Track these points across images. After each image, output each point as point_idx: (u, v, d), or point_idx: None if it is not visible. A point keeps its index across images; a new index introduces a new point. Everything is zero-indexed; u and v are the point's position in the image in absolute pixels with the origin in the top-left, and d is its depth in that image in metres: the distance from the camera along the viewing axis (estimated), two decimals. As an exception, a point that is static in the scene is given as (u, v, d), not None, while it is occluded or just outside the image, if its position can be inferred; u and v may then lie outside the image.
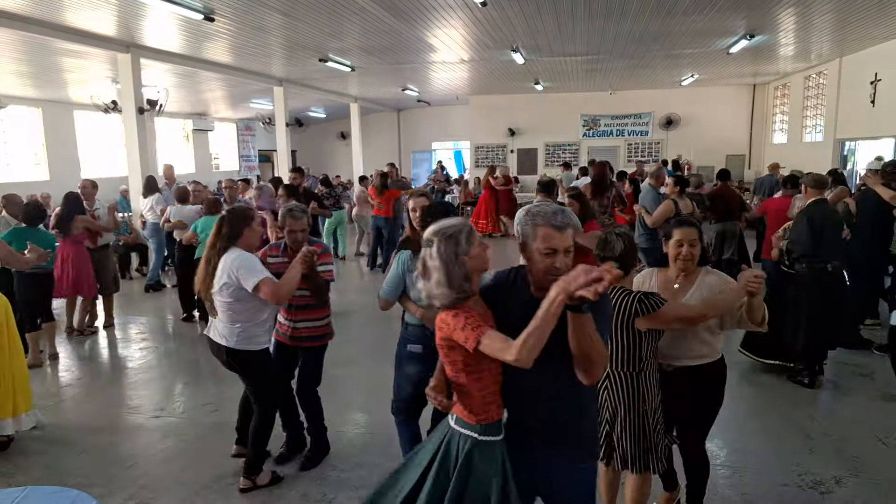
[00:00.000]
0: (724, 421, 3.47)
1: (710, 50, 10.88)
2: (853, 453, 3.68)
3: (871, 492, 3.29)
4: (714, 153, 16.50)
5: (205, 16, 7.41)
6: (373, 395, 4.50)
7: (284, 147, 14.31)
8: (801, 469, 3.50)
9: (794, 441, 3.83)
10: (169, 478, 3.55)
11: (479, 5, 7.16)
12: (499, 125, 18.13)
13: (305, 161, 19.75)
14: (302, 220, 3.46)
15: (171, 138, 16.86)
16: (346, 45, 10.04)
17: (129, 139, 9.81)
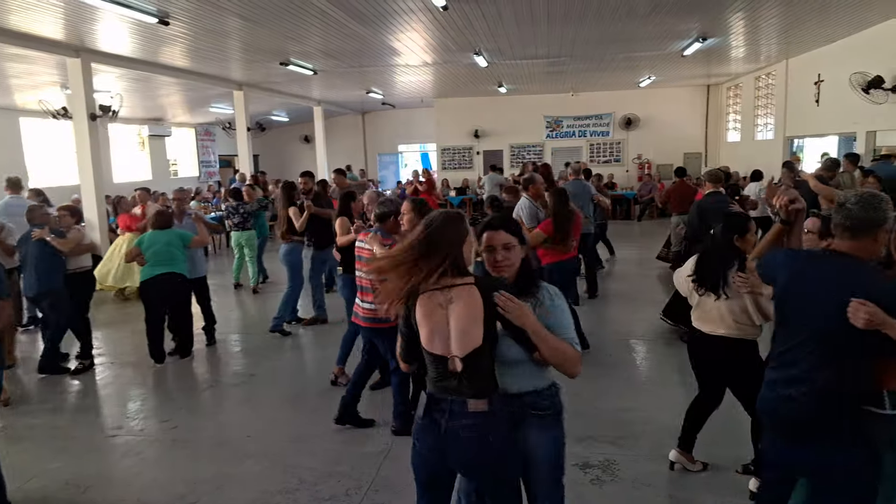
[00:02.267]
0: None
1: (665, 52, 11.14)
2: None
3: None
4: (672, 152, 16.91)
5: (159, 19, 7.21)
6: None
7: (246, 151, 14.04)
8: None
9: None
10: (129, 500, 3.43)
11: (440, 9, 7.16)
12: (464, 127, 18.20)
13: (268, 165, 19.47)
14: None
15: (126, 144, 16.36)
16: (308, 49, 9.91)
17: (80, 146, 9.46)
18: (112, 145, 15.16)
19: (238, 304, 8.33)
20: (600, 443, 3.81)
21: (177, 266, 5.56)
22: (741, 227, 3.22)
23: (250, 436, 4.16)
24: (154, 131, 16.58)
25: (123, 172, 15.82)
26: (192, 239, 5.79)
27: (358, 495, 3.34)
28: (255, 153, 17.42)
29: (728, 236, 3.21)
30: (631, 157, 17.60)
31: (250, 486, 3.51)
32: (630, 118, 17.39)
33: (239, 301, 8.45)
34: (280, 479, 3.56)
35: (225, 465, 3.77)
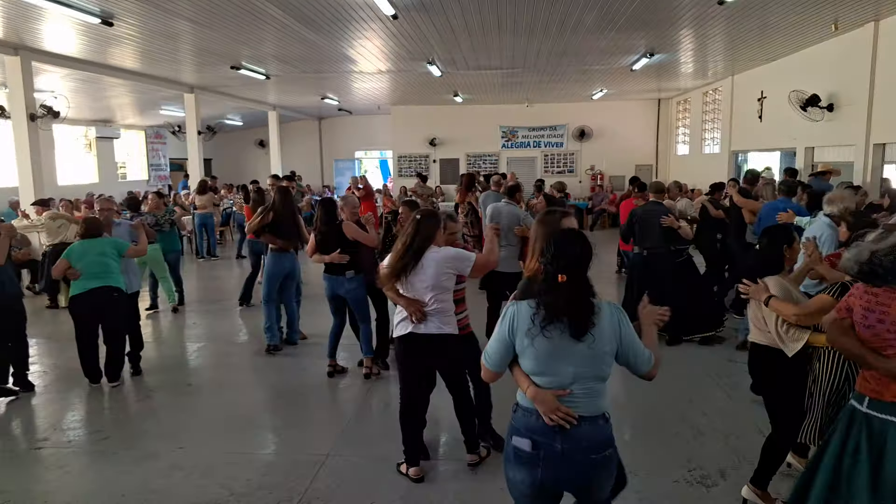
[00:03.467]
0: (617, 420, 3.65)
1: (615, 66, 11.46)
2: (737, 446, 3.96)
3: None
4: (625, 164, 17.36)
5: (102, 20, 7.05)
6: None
7: (196, 155, 13.77)
8: (692, 465, 3.72)
9: (685, 435, 4.09)
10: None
11: (389, 18, 7.21)
12: (421, 135, 18.27)
13: (222, 170, 19.11)
14: (458, 223, 4.04)
15: (72, 146, 15.81)
16: (260, 54, 9.82)
17: (19, 147, 9.14)
18: (57, 147, 14.63)
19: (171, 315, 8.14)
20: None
21: (112, 279, 5.03)
22: (789, 238, 3.27)
23: (183, 447, 4.08)
24: (102, 133, 16.09)
25: (69, 175, 15.28)
26: (128, 248, 5.28)
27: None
28: (208, 157, 17.11)
29: (779, 248, 3.23)
30: (584, 169, 17.97)
31: (178, 498, 3.44)
32: (584, 130, 17.77)
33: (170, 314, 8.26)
34: (210, 490, 3.50)
35: (154, 477, 3.69)
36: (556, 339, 2.04)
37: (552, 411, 2.03)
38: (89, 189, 14.11)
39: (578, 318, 2.02)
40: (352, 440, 4.18)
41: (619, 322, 2.09)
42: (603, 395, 2.12)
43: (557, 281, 2.04)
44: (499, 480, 3.55)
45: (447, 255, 3.44)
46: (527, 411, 2.12)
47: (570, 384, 2.06)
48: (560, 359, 2.06)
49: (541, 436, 2.07)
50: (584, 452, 2.05)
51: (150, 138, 18.39)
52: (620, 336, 2.08)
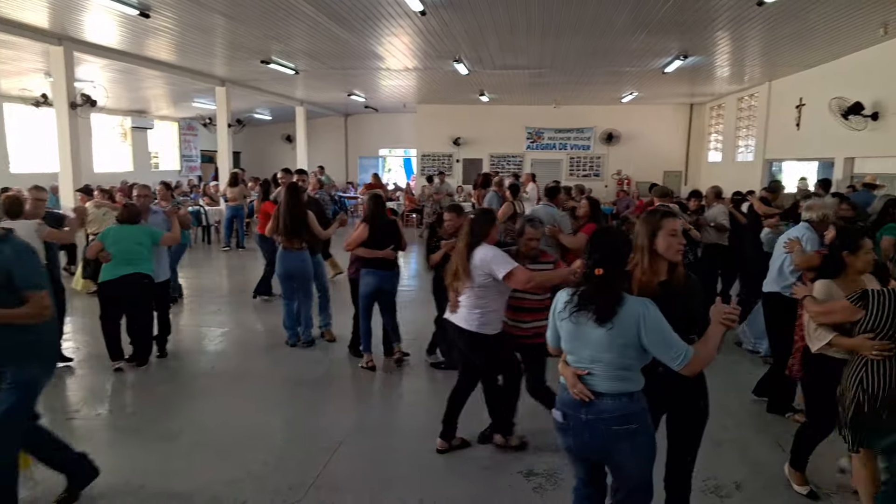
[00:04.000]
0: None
1: (647, 69, 11.32)
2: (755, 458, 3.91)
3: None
4: (652, 169, 17.14)
5: (140, 11, 7.24)
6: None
7: (226, 148, 14.03)
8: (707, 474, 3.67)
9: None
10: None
11: (418, 14, 7.26)
12: (445, 134, 18.29)
13: (249, 163, 19.42)
14: (540, 229, 3.87)
15: (108, 135, 16.25)
16: (290, 49, 9.97)
17: (60, 135, 9.44)
18: (94, 135, 15.06)
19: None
20: (545, 452, 3.87)
21: (143, 266, 5.11)
22: (851, 244, 3.14)
23: (204, 427, 4.19)
24: (137, 123, 16.51)
25: (105, 163, 15.71)
26: (162, 236, 5.38)
27: (300, 490, 3.39)
28: (237, 150, 17.39)
29: (838, 252, 3.17)
30: (610, 173, 17.80)
31: (196, 475, 3.54)
32: (611, 133, 17.60)
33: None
34: (228, 470, 3.59)
35: (175, 454, 3.80)
36: (580, 323, 2.31)
37: (571, 387, 2.35)
38: (123, 177, 14.49)
39: (603, 307, 2.25)
40: (366, 430, 4.24)
41: (643, 317, 2.23)
42: (627, 379, 2.31)
43: (594, 273, 2.28)
44: (509, 476, 3.59)
45: (485, 256, 3.51)
46: (563, 387, 2.44)
47: (588, 364, 2.32)
48: (580, 341, 2.34)
49: (570, 408, 2.37)
50: (605, 423, 2.30)
51: (183, 130, 18.82)
52: (643, 330, 2.23)
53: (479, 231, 3.59)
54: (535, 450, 3.88)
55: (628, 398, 2.30)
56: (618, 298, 2.25)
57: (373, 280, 5.14)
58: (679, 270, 2.56)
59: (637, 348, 2.26)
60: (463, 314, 3.63)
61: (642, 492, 2.43)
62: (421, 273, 9.70)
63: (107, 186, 11.33)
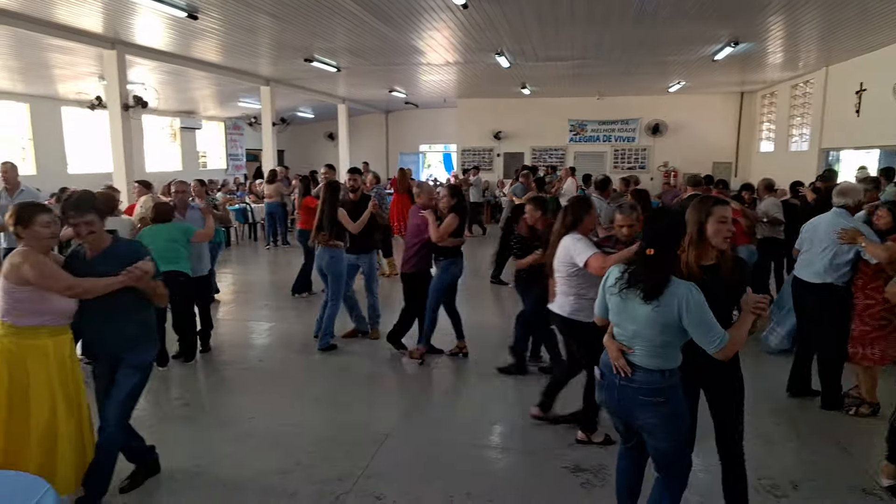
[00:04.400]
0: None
1: (695, 57, 10.99)
2: (812, 458, 3.74)
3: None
4: (701, 160, 16.62)
5: (188, 13, 7.43)
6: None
7: (270, 146, 14.31)
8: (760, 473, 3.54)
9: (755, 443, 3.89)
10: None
11: (460, 7, 7.22)
12: (486, 128, 18.20)
13: (293, 161, 19.78)
14: (632, 215, 3.81)
15: (158, 136, 16.81)
16: (333, 46, 10.08)
17: (114, 136, 9.79)
18: (146, 136, 15.59)
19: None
20: (592, 447, 3.80)
21: (180, 264, 5.11)
22: None
23: (253, 418, 4.28)
24: (185, 124, 17.01)
25: (155, 162, 16.26)
26: (195, 233, 5.36)
27: (349, 481, 3.42)
28: (281, 148, 17.72)
29: None
30: (656, 165, 17.38)
31: (248, 463, 3.62)
32: (658, 124, 17.17)
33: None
34: (277, 459, 3.66)
35: (227, 443, 3.89)
36: (627, 299, 2.46)
37: (613, 359, 2.54)
38: (173, 176, 14.96)
39: (650, 286, 2.38)
40: (411, 422, 4.25)
41: (686, 300, 2.35)
42: (663, 356, 2.46)
43: (646, 253, 2.41)
44: (555, 471, 3.53)
45: (568, 245, 3.62)
46: (606, 351, 2.65)
47: (631, 339, 2.49)
48: (626, 316, 2.50)
49: (608, 369, 2.59)
50: (634, 391, 2.49)
51: (229, 129, 19.31)
52: (684, 313, 2.35)
53: (571, 220, 3.69)
54: (582, 444, 3.82)
55: (660, 374, 2.45)
56: (665, 279, 2.38)
57: (456, 271, 5.26)
58: (727, 255, 2.65)
59: (678, 328, 2.39)
60: (559, 300, 3.77)
61: (676, 471, 2.59)
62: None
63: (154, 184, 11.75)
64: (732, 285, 2.59)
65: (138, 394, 3.15)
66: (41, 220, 2.86)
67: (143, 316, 3.15)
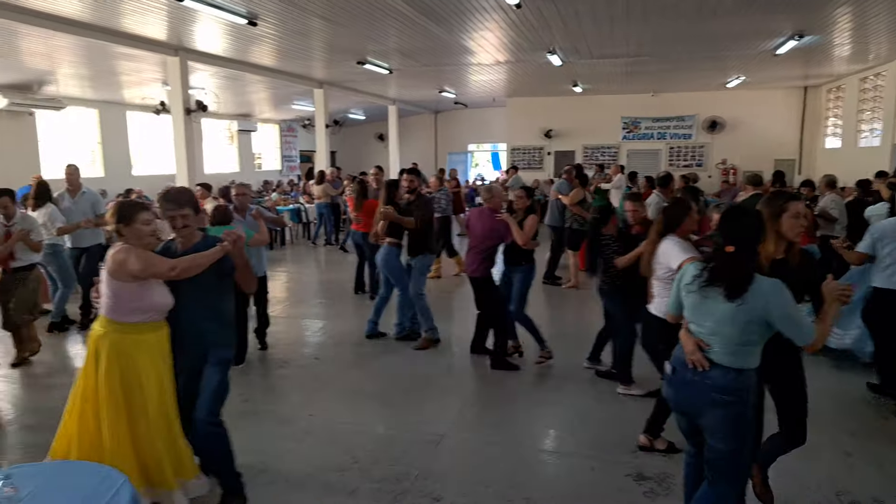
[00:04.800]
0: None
1: (756, 51, 10.59)
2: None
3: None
4: (762, 158, 15.99)
5: (248, 20, 7.65)
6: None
7: (324, 148, 14.59)
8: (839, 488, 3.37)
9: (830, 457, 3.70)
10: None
11: (513, 7, 7.16)
12: (536, 127, 18.03)
13: (344, 162, 20.14)
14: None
15: (216, 138, 17.41)
16: (384, 48, 10.18)
17: (176, 139, 10.20)
18: (204, 139, 16.19)
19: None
20: (656, 454, 3.70)
21: None
22: None
23: (312, 415, 4.36)
24: (242, 126, 17.55)
25: (213, 164, 16.85)
26: (252, 237, 5.27)
27: (407, 480, 3.44)
28: (333, 150, 18.06)
29: None
30: (714, 163, 16.82)
31: (308, 460, 3.69)
32: (715, 121, 16.62)
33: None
34: (336, 456, 3.72)
35: (287, 439, 3.98)
36: (707, 297, 2.44)
37: (689, 354, 2.50)
38: (231, 177, 15.46)
39: (734, 284, 2.36)
40: (468, 424, 4.24)
41: (773, 297, 2.33)
42: (742, 354, 2.41)
43: (725, 251, 2.40)
44: (618, 479, 3.45)
45: (665, 248, 3.62)
46: (680, 346, 2.61)
47: (708, 336, 2.46)
48: (704, 314, 2.47)
49: (680, 365, 2.56)
50: (707, 389, 2.44)
51: (284, 131, 19.83)
52: (773, 309, 2.33)
53: (669, 222, 3.67)
54: (645, 451, 3.72)
55: (736, 373, 2.41)
56: (749, 277, 2.35)
57: (533, 275, 5.28)
58: (795, 248, 2.72)
59: (762, 326, 2.36)
60: (657, 303, 3.72)
61: (730, 477, 2.50)
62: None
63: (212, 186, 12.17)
64: (801, 278, 2.63)
65: (224, 391, 3.15)
66: (142, 217, 2.94)
67: (226, 308, 3.17)
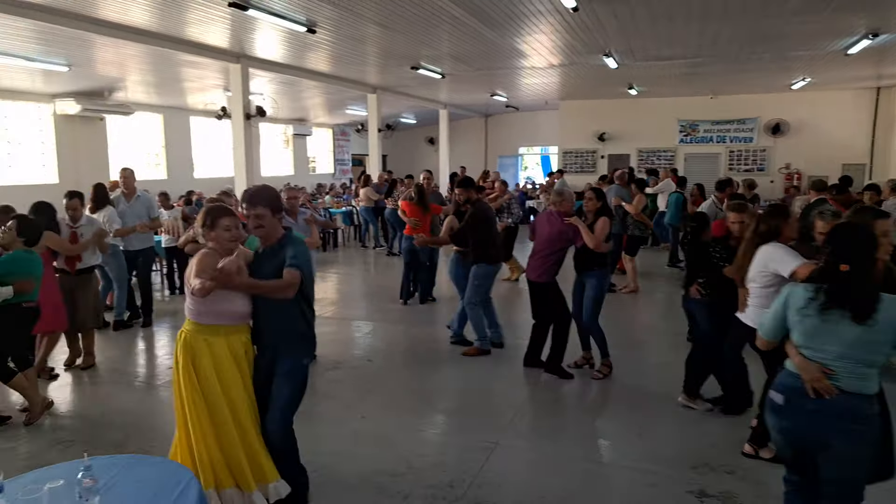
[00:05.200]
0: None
1: (824, 51, 10.11)
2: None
3: None
4: (829, 162, 15.22)
5: (307, 28, 7.84)
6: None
7: (376, 152, 14.80)
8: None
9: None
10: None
11: (570, 11, 7.07)
12: (589, 130, 17.75)
13: (395, 165, 20.36)
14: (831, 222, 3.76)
15: (273, 142, 17.91)
16: (438, 53, 10.24)
17: (236, 143, 10.54)
18: (261, 142, 16.69)
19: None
20: (719, 471, 3.56)
21: None
22: None
23: (364, 417, 4.41)
24: (297, 130, 17.99)
25: (269, 167, 17.34)
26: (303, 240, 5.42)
27: (461, 487, 3.42)
28: (384, 153, 18.29)
29: None
30: (777, 167, 16.13)
31: (361, 463, 3.73)
32: (778, 123, 15.94)
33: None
34: (389, 460, 3.74)
35: (338, 441, 4.03)
36: (829, 321, 2.32)
37: (814, 381, 2.34)
38: (286, 180, 15.87)
39: (863, 305, 2.26)
40: (522, 432, 4.20)
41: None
42: (868, 377, 2.32)
43: (840, 270, 2.31)
44: (678, 496, 3.33)
45: (769, 255, 3.50)
46: (790, 374, 2.47)
47: (833, 361, 2.33)
48: (826, 338, 2.35)
49: (794, 395, 2.42)
50: (833, 418, 2.32)
51: (337, 136, 20.23)
52: None
53: (767, 228, 3.57)
54: (709, 468, 3.59)
55: (866, 399, 2.32)
56: (877, 296, 2.27)
57: (608, 277, 5.16)
58: (879, 263, 2.70)
59: (888, 345, 2.29)
60: (752, 312, 3.63)
61: (852, 500, 2.40)
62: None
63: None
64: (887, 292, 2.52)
65: (298, 399, 3.13)
66: (223, 223, 3.00)
67: (307, 319, 3.11)
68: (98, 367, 5.57)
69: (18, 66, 9.18)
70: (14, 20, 6.92)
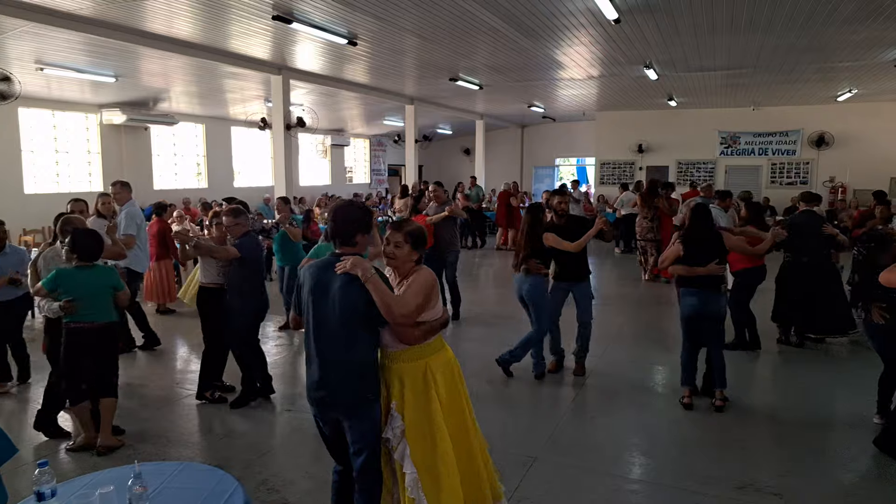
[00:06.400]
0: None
1: (872, 62, 9.84)
2: None
3: None
4: (875, 176, 14.71)
5: (349, 40, 7.98)
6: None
7: (413, 162, 14.93)
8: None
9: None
10: (300, 467, 3.82)
11: (611, 23, 7.04)
12: (627, 141, 17.59)
13: (430, 176, 20.48)
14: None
15: (311, 152, 18.24)
16: (476, 64, 10.30)
17: (276, 153, 10.78)
18: (300, 152, 17.02)
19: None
20: (762, 492, 3.45)
21: None
22: None
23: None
24: (335, 141, 18.31)
25: (308, 177, 17.66)
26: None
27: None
28: (420, 164, 18.44)
29: None
30: (821, 180, 15.68)
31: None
32: (823, 136, 15.52)
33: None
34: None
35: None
36: None
37: None
38: (323, 190, 16.14)
39: None
40: (559, 448, 4.13)
41: None
42: None
43: None
44: None
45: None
46: None
47: None
48: None
49: None
50: None
51: (374, 146, 20.48)
52: None
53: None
54: (753, 488, 3.48)
55: None
56: None
57: (695, 301, 4.56)
58: None
59: None
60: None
61: None
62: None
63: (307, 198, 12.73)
64: None
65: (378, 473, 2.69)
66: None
67: (374, 364, 2.65)
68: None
69: (69, 77, 9.60)
70: (68, 34, 7.25)
